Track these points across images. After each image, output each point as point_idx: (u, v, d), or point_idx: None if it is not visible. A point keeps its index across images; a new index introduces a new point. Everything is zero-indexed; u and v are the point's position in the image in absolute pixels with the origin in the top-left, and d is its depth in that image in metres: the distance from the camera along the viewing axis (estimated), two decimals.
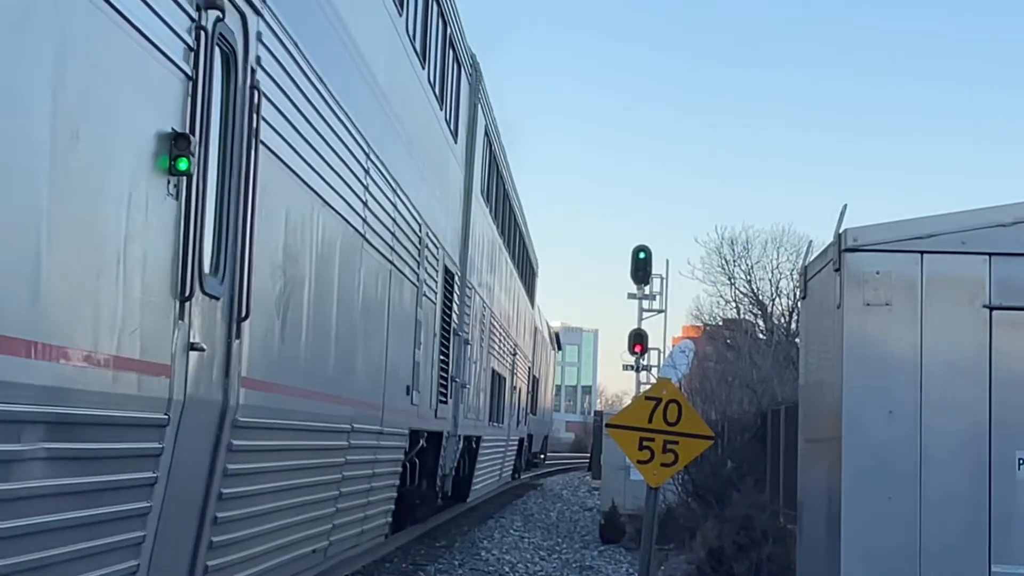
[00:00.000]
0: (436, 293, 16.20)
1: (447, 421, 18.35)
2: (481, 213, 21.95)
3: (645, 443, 10.92)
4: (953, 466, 9.08)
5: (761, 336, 38.76)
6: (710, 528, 16.04)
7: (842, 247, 9.35)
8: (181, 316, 6.62)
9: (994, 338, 9.14)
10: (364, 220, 11.44)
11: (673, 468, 11.23)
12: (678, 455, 10.97)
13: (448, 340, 17.61)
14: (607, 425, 11.83)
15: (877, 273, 9.23)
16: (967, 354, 9.15)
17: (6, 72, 4.89)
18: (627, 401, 42.08)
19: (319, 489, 10.41)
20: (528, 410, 38.06)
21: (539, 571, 17.88)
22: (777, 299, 43.59)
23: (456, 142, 18.69)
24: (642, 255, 30.46)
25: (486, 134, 22.41)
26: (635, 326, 32.95)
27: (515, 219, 30.90)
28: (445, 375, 17.57)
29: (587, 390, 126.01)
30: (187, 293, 6.64)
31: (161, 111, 6.32)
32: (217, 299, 7.23)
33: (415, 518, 17.86)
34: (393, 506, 14.42)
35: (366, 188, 11.51)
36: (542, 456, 53.65)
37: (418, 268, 14.66)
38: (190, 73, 6.62)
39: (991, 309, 9.15)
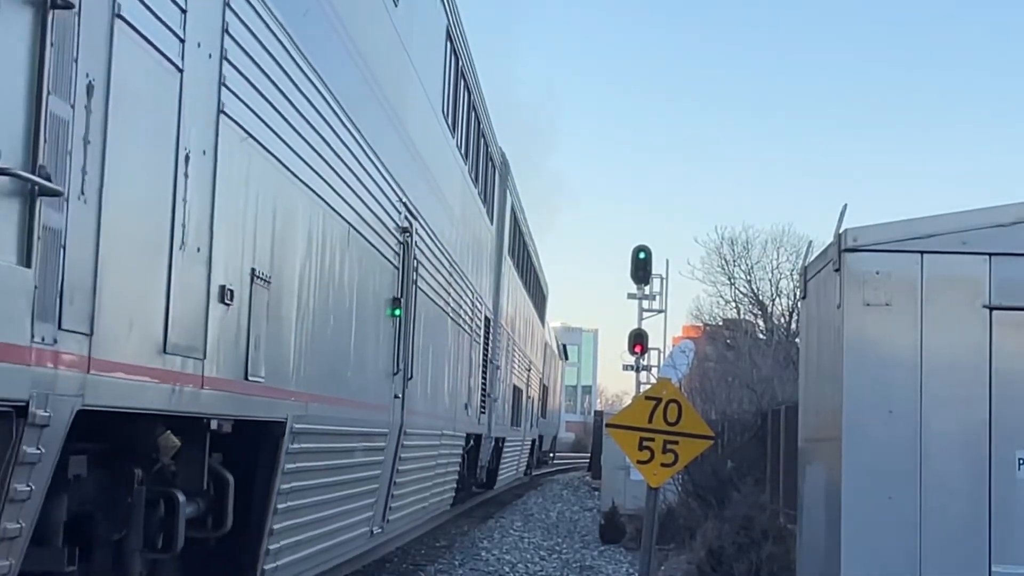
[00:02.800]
0: (480, 336, 22.32)
1: (485, 426, 24.22)
2: (508, 269, 28.01)
3: (645, 443, 10.92)
4: (953, 466, 9.09)
5: (761, 336, 38.75)
6: (710, 528, 16.04)
7: (842, 247, 9.36)
8: (394, 382, 13.17)
9: (994, 338, 9.14)
10: (453, 308, 17.92)
11: (673, 468, 11.23)
12: (678, 455, 10.97)
13: (486, 368, 23.61)
14: (607, 425, 11.83)
15: (877, 273, 9.24)
16: (967, 354, 9.15)
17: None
18: (627, 401, 42.15)
19: (433, 470, 17.27)
20: (539, 414, 42.93)
21: (539, 571, 17.88)
22: (777, 299, 43.57)
23: (492, 223, 24.56)
24: (642, 255, 30.46)
25: (512, 209, 28.67)
26: (635, 326, 32.96)
27: (531, 262, 36.67)
28: (484, 393, 23.47)
29: (587, 390, 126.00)
30: (396, 372, 13.22)
31: (390, 286, 12.72)
32: (403, 373, 13.65)
33: (462, 497, 23.99)
34: (456, 485, 20.67)
35: (452, 287, 17.78)
36: (551, 455, 59.11)
37: (471, 322, 20.76)
38: (398, 265, 12.99)
39: (991, 309, 9.16)
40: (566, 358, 68.46)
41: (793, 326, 37.60)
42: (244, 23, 7.36)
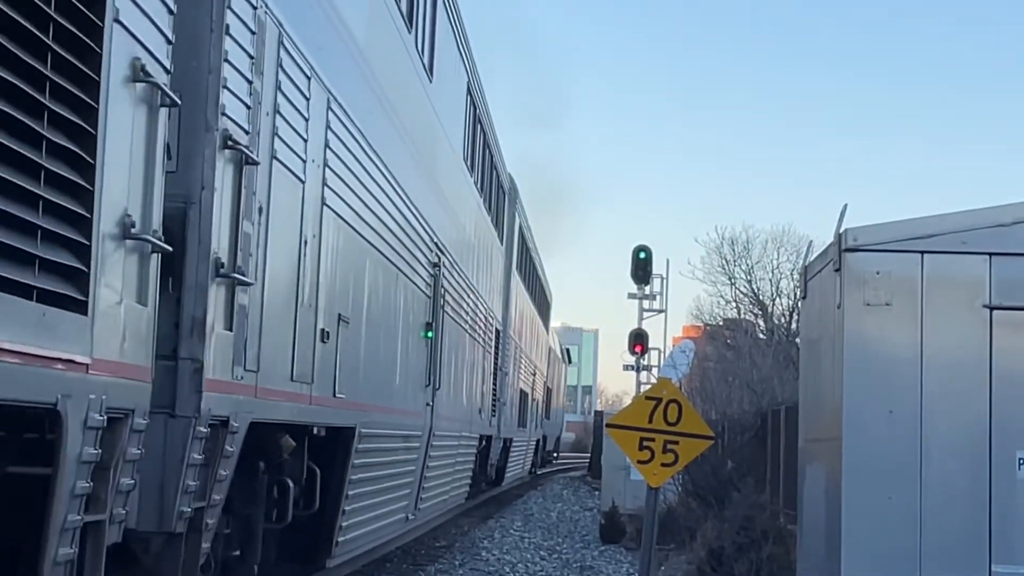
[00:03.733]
0: (492, 346, 24.86)
1: (495, 428, 26.59)
2: (515, 283, 30.40)
3: (645, 443, 10.92)
4: (953, 466, 9.08)
5: (761, 336, 38.74)
6: (710, 528, 16.03)
7: (842, 247, 9.36)
8: (426, 392, 15.58)
9: (994, 338, 9.14)
10: (470, 325, 20.67)
11: (673, 468, 11.22)
12: (678, 455, 10.96)
13: (496, 375, 25.99)
14: (607, 425, 11.83)
15: (877, 273, 9.24)
16: (967, 354, 9.15)
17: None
18: (627, 401, 42.22)
19: (453, 467, 20.19)
20: (543, 416, 45.72)
21: (539, 571, 17.88)
22: (777, 299, 43.57)
23: (502, 243, 27.36)
24: (642, 255, 30.47)
25: (520, 228, 31.22)
26: (635, 326, 32.97)
27: (536, 273, 38.97)
28: (495, 397, 25.96)
29: (587, 390, 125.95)
30: (427, 384, 15.65)
31: (424, 313, 15.13)
32: (433, 384, 16.09)
33: (474, 492, 26.13)
34: (471, 480, 23.69)
35: (470, 307, 20.55)
36: (555, 454, 62.37)
37: (484, 335, 23.25)
38: (430, 295, 15.52)
39: (991, 309, 9.16)
40: (569, 362, 72.03)
41: (793, 326, 37.59)
42: (338, 136, 10.05)
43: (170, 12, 5.82)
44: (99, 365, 5.13)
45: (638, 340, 32.38)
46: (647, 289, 33.40)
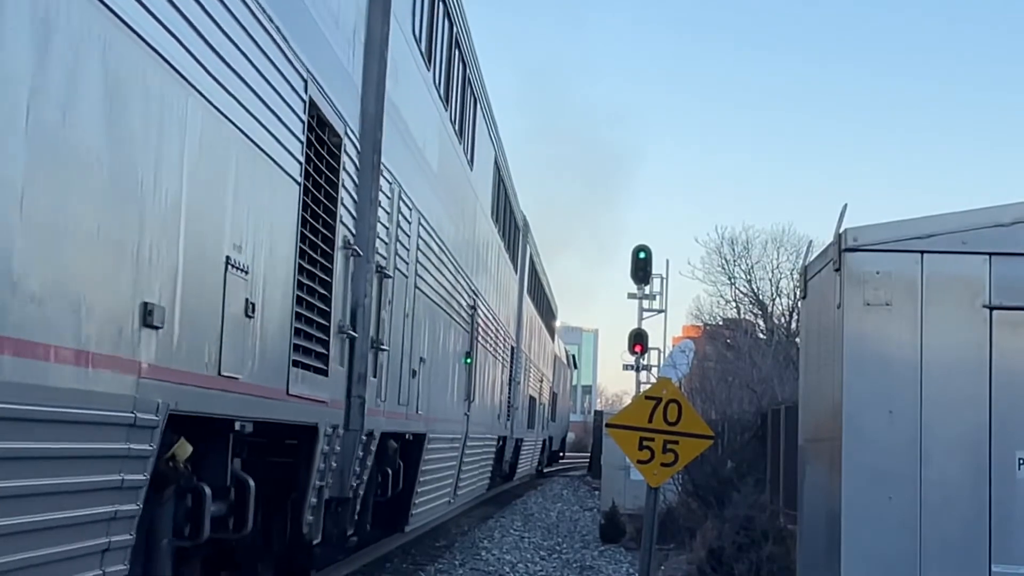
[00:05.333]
0: (508, 361, 28.99)
1: (508, 430, 30.49)
2: (527, 305, 34.27)
3: (645, 443, 10.92)
4: (953, 466, 9.07)
5: (761, 336, 38.75)
6: (710, 528, 16.04)
7: (842, 247, 9.35)
8: (464, 405, 19.95)
9: (994, 338, 9.13)
10: (493, 348, 24.98)
11: (673, 468, 11.23)
12: (678, 455, 10.97)
13: (510, 385, 29.86)
14: (607, 425, 11.83)
15: (877, 273, 9.23)
16: (967, 354, 9.14)
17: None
18: (627, 401, 42.24)
19: (480, 464, 24.34)
20: (550, 418, 49.91)
21: (539, 571, 17.88)
22: (777, 299, 43.61)
23: (516, 272, 30.98)
24: (642, 255, 30.48)
25: (530, 257, 35.13)
26: (635, 326, 32.97)
27: (544, 292, 42.86)
28: (509, 404, 29.86)
29: (587, 390, 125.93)
30: (466, 398, 19.91)
31: (465, 344, 19.50)
32: (469, 398, 20.02)
33: (491, 485, 29.90)
34: (489, 476, 27.74)
35: (494, 334, 24.85)
36: (561, 454, 66.94)
37: (503, 354, 27.51)
38: (469, 330, 19.60)
39: (991, 309, 9.15)
40: (575, 367, 78.52)
41: (793, 326, 37.59)
42: (424, 241, 14.63)
43: (356, 204, 10.88)
44: (330, 402, 10.18)
45: (638, 340, 32.40)
46: (647, 289, 33.42)
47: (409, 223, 13.33)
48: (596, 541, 22.20)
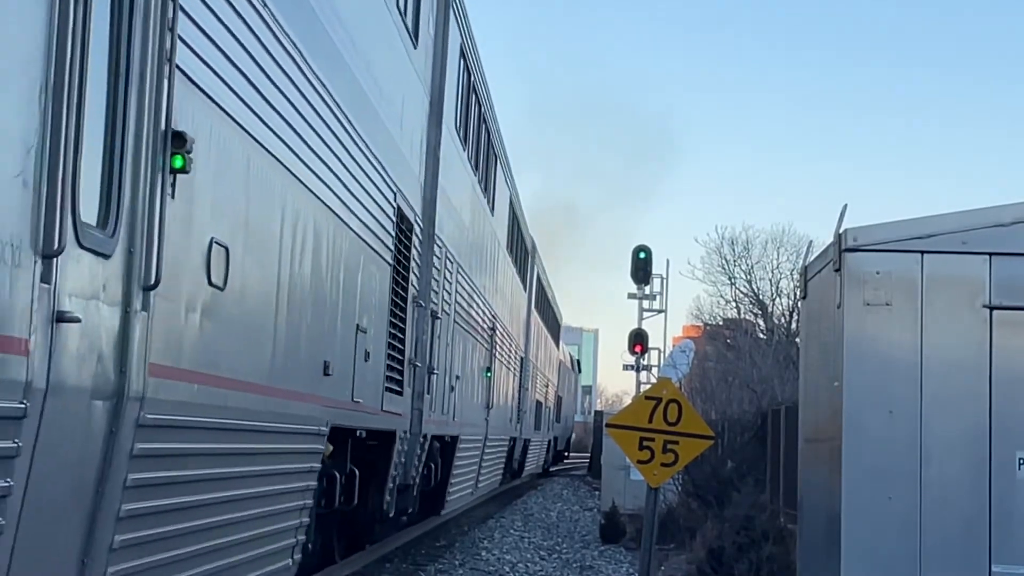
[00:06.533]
0: (518, 371, 31.83)
1: (518, 432, 33.41)
2: (535, 318, 37.30)
3: (645, 443, 10.92)
4: (953, 466, 9.08)
5: (761, 336, 38.75)
6: (710, 528, 16.03)
7: (842, 247, 9.35)
8: (485, 411, 24.23)
9: (994, 338, 9.13)
10: (507, 360, 27.93)
11: (673, 468, 11.23)
12: (678, 455, 10.97)
13: (520, 391, 32.63)
14: (607, 425, 11.83)
15: (877, 273, 9.23)
16: (967, 354, 9.14)
17: None
18: (627, 401, 42.33)
19: (495, 461, 27.54)
20: (555, 420, 52.79)
21: (539, 571, 17.88)
22: (777, 299, 43.61)
23: (525, 291, 33.64)
24: (642, 255, 30.45)
25: (538, 276, 38.06)
26: (635, 326, 32.96)
27: (549, 304, 45.68)
28: (519, 408, 32.66)
29: (587, 390, 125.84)
30: (486, 406, 24.23)
31: (486, 360, 23.77)
32: (488, 406, 24.68)
33: (503, 481, 33.49)
34: (503, 470, 31.60)
35: (507, 349, 27.94)
36: (567, 453, 70.14)
37: (514, 365, 30.49)
38: (489, 348, 24.27)
39: (991, 309, 9.15)
40: (579, 371, 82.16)
41: (793, 326, 37.59)
42: (462, 285, 18.41)
43: (419, 267, 14.34)
44: (403, 414, 13.75)
45: (638, 340, 32.38)
46: (647, 289, 33.38)
47: (451, 273, 17.34)
48: (596, 541, 22.19)
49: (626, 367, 35.83)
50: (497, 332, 24.82)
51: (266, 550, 8.68)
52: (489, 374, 23.72)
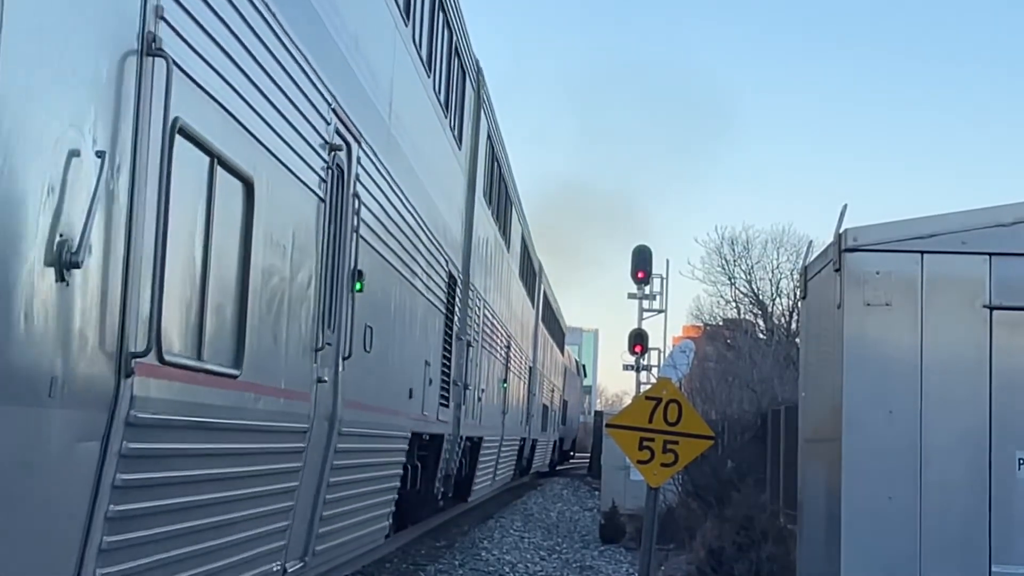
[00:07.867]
0: (527, 379, 35.30)
1: (527, 433, 36.83)
2: (541, 331, 40.66)
3: (645, 443, 10.93)
4: (953, 466, 9.07)
5: (761, 336, 38.74)
6: (710, 528, 16.04)
7: (842, 247, 9.35)
8: (501, 416, 28.55)
9: (994, 338, 9.13)
10: (518, 371, 31.32)
11: (673, 468, 11.23)
12: (678, 455, 10.97)
13: (529, 397, 35.95)
14: (607, 425, 11.83)
15: (877, 273, 9.23)
16: (967, 354, 9.14)
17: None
18: (627, 401, 42.44)
19: (509, 458, 31.86)
20: (560, 422, 55.47)
21: (539, 571, 17.88)
22: (777, 299, 43.60)
23: (533, 307, 37.23)
24: (642, 255, 30.44)
25: (544, 292, 41.45)
26: (635, 326, 32.98)
27: (555, 316, 49.30)
28: (528, 412, 35.91)
29: (587, 390, 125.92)
30: (503, 411, 28.81)
31: (502, 373, 28.16)
32: (504, 411, 29.27)
33: (514, 476, 36.81)
34: (514, 466, 34.68)
35: (518, 362, 31.46)
36: (572, 453, 72.13)
37: (524, 374, 34.12)
38: (504, 363, 28.59)
39: (991, 309, 9.15)
40: (585, 375, 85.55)
41: (793, 326, 37.59)
42: (487, 318, 23.34)
43: (460, 310, 18.99)
44: (449, 421, 18.52)
45: (638, 340, 32.40)
46: (647, 289, 33.40)
47: (479, 309, 21.64)
48: (596, 541, 22.21)
49: (626, 367, 35.87)
50: (511, 349, 29.01)
51: (374, 515, 12.87)
52: (505, 385, 27.76)
